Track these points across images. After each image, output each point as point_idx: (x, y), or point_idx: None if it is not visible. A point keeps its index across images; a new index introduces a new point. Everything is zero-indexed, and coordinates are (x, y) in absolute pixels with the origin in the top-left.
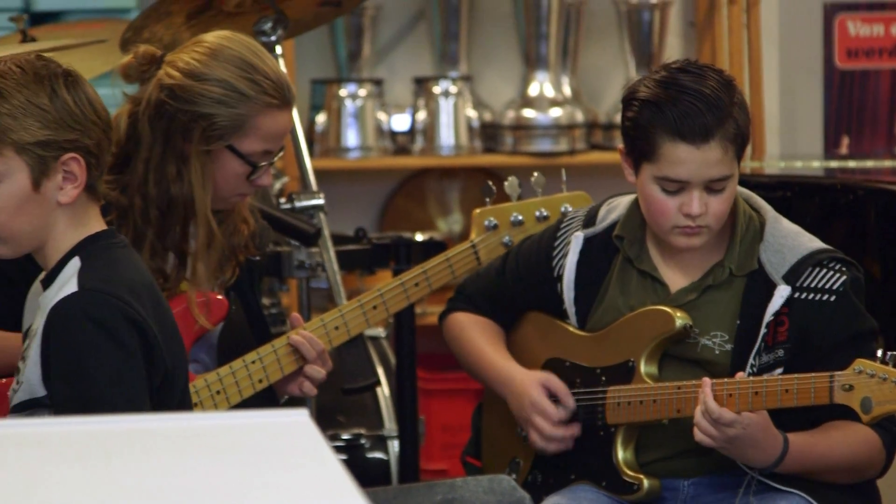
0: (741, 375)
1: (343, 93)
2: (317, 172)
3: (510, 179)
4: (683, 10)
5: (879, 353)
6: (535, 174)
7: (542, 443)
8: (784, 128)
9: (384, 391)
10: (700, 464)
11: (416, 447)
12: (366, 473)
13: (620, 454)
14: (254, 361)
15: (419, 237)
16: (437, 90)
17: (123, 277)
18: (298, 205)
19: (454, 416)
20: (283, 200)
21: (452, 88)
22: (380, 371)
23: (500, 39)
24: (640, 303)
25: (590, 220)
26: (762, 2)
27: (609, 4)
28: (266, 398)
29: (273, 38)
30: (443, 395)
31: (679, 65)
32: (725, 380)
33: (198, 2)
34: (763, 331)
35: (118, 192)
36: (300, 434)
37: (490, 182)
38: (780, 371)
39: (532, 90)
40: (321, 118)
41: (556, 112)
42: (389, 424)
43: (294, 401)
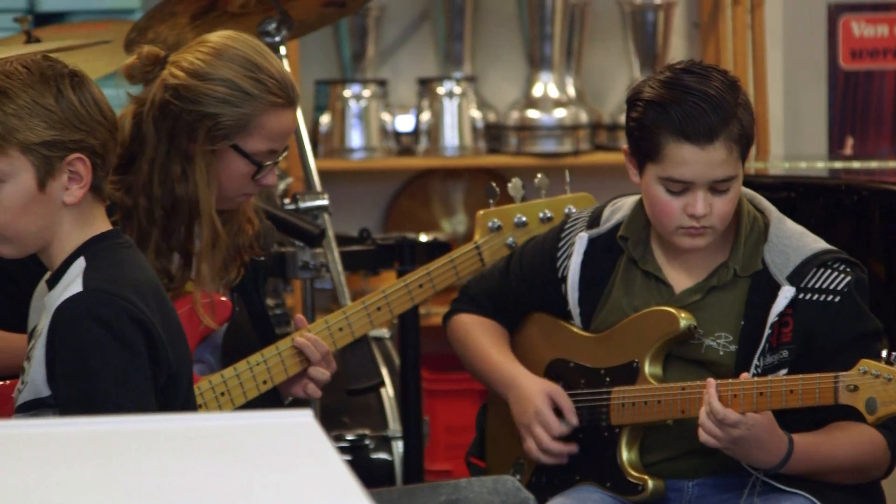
0: (746, 376)
1: (347, 93)
2: (321, 173)
3: (513, 181)
4: (687, 11)
5: (884, 354)
6: (539, 175)
7: (537, 453)
8: (788, 128)
9: (388, 392)
10: (705, 464)
11: (421, 448)
12: (370, 474)
13: (625, 455)
14: (258, 363)
15: (423, 238)
16: (442, 91)
17: (128, 277)
18: (303, 205)
19: (458, 417)
20: (288, 201)
21: (456, 89)
22: (384, 372)
23: (505, 40)
24: (645, 303)
25: (594, 221)
26: (766, 2)
27: (613, 5)
28: (270, 400)
29: (277, 39)
30: (447, 396)
31: (683, 65)
32: (730, 380)
33: (202, 2)
34: (767, 332)
35: (123, 193)
36: (304, 435)
37: (493, 183)
38: (785, 372)
39: (536, 91)
40: (325, 119)
41: (561, 113)
42: (394, 425)
43: (298, 402)
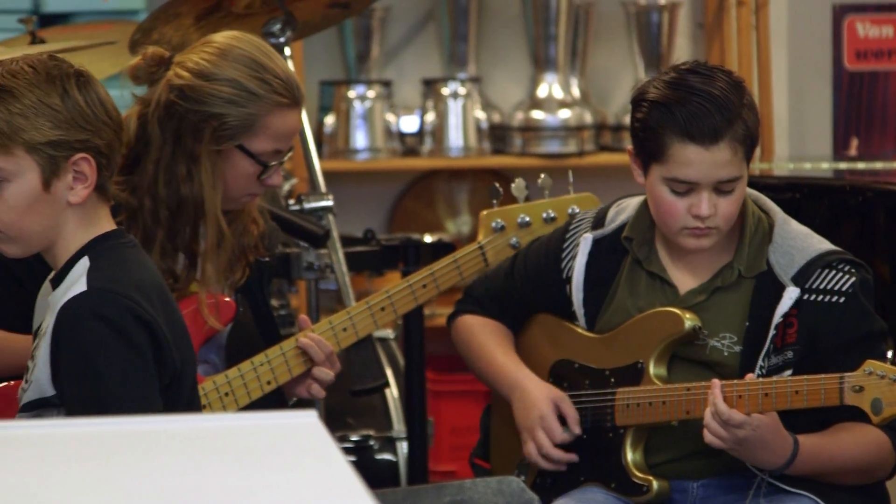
0: (751, 377)
1: (352, 94)
2: (325, 174)
3: (517, 181)
4: (692, 12)
5: (889, 355)
6: (542, 175)
7: (537, 457)
8: (793, 129)
9: (393, 393)
10: (709, 465)
11: (425, 449)
12: (374, 475)
13: (630, 456)
14: (262, 363)
15: (428, 238)
16: (446, 91)
17: (132, 277)
18: (307, 206)
19: (463, 418)
20: (292, 202)
21: (461, 90)
22: (388, 372)
23: (509, 41)
24: (649, 304)
25: (599, 222)
26: (771, 3)
27: (618, 6)
28: (275, 400)
29: (282, 40)
30: (452, 397)
31: (688, 66)
32: (735, 381)
33: (207, 3)
34: (772, 332)
35: (128, 194)
36: (309, 435)
37: (497, 184)
38: (790, 373)
39: (541, 91)
40: (330, 120)
41: (565, 113)
42: (398, 426)
43: (303, 402)
